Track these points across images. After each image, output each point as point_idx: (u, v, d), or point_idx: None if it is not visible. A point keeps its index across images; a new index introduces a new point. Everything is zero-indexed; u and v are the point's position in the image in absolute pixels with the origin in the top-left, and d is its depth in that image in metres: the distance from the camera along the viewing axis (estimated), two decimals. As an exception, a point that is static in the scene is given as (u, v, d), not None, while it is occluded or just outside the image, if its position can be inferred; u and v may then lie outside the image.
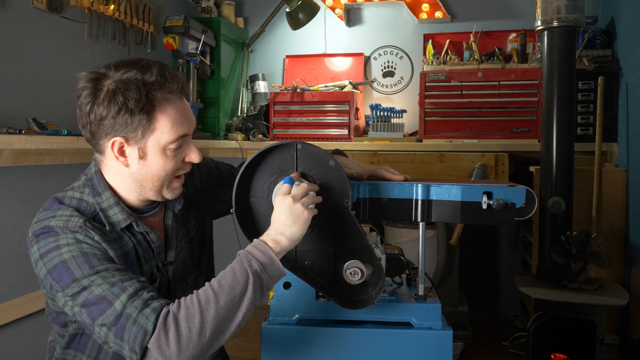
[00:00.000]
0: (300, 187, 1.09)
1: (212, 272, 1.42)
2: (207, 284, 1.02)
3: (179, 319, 0.96)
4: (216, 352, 1.34)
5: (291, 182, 1.09)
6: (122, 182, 1.15)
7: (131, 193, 1.16)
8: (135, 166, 1.11)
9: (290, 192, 1.08)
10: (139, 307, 0.97)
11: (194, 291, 1.01)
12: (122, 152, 1.10)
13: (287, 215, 1.06)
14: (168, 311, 0.97)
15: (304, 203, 1.07)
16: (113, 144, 1.09)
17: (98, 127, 1.08)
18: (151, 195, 1.16)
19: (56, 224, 1.06)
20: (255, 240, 1.07)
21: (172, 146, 1.11)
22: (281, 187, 1.09)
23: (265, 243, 1.05)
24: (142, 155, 1.10)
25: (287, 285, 1.20)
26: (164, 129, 1.09)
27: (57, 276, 1.03)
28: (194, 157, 1.16)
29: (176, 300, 1.00)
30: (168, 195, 1.17)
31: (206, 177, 1.40)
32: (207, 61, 3.18)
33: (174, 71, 1.12)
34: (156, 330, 0.95)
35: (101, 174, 1.16)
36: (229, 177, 1.44)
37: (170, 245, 1.24)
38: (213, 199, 1.41)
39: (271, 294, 1.23)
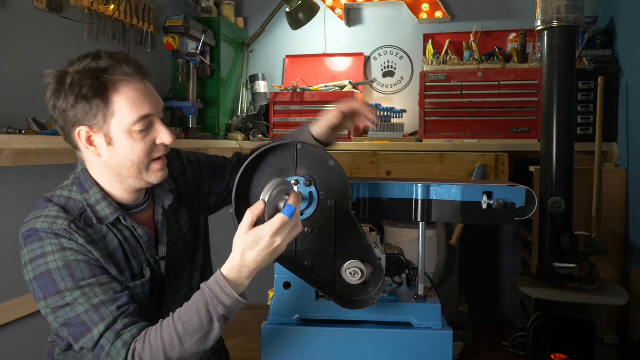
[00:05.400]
0: (297, 222, 1.02)
1: (209, 266, 1.41)
2: (171, 324, 1.02)
3: None
4: (216, 348, 1.35)
5: (293, 213, 1.00)
6: (104, 176, 1.16)
7: (115, 186, 1.16)
8: (106, 154, 1.12)
9: (285, 224, 1.00)
10: (112, 340, 1.02)
11: (160, 328, 1.03)
12: (90, 141, 1.11)
13: (268, 258, 1.01)
14: (135, 349, 1.01)
15: (287, 243, 1.02)
16: (79, 133, 1.10)
17: (64, 121, 1.10)
18: (133, 182, 1.15)
19: (41, 226, 1.08)
20: (221, 279, 1.02)
21: (137, 128, 1.10)
22: (280, 219, 0.99)
23: (232, 285, 1.01)
24: (109, 142, 1.10)
25: (287, 285, 1.20)
26: (123, 111, 1.08)
27: (42, 285, 1.06)
28: (165, 138, 1.14)
29: (142, 335, 1.03)
30: (151, 179, 1.16)
31: (198, 172, 1.40)
32: (207, 61, 3.18)
33: (127, 55, 1.12)
34: None
35: (87, 171, 1.17)
36: (223, 169, 1.44)
37: (161, 241, 1.23)
38: (207, 194, 1.41)
39: (271, 293, 1.23)
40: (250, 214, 1.02)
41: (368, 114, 1.41)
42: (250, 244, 1.00)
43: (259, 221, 1.02)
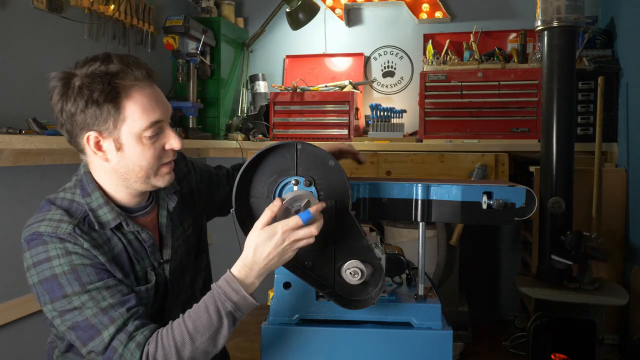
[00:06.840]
0: (311, 229, 1.03)
1: (209, 270, 1.42)
2: (182, 323, 1.03)
3: None
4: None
5: (309, 219, 1.02)
6: (108, 180, 1.15)
7: (119, 190, 1.15)
8: (115, 159, 1.10)
9: (298, 227, 1.02)
10: (124, 341, 1.02)
11: (171, 328, 1.03)
12: (99, 146, 1.10)
13: (278, 258, 1.04)
14: (148, 351, 1.01)
15: (296, 249, 1.05)
16: (88, 138, 1.09)
17: (72, 125, 1.08)
18: (139, 187, 1.15)
19: (45, 230, 1.07)
20: (229, 276, 1.05)
21: (147, 133, 1.09)
22: (295, 220, 1.02)
23: (240, 282, 1.04)
24: (119, 147, 1.09)
25: (287, 285, 1.20)
26: (134, 117, 1.07)
27: (48, 288, 1.05)
28: (174, 143, 1.14)
29: (154, 337, 1.03)
30: (159, 182, 1.15)
31: (200, 177, 1.41)
32: (207, 61, 3.18)
33: (137, 59, 1.11)
34: None
35: (90, 174, 1.16)
36: (217, 180, 1.46)
37: (166, 244, 1.23)
38: (205, 200, 1.42)
39: (271, 293, 1.23)
40: (269, 211, 1.04)
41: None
42: (264, 240, 1.02)
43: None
